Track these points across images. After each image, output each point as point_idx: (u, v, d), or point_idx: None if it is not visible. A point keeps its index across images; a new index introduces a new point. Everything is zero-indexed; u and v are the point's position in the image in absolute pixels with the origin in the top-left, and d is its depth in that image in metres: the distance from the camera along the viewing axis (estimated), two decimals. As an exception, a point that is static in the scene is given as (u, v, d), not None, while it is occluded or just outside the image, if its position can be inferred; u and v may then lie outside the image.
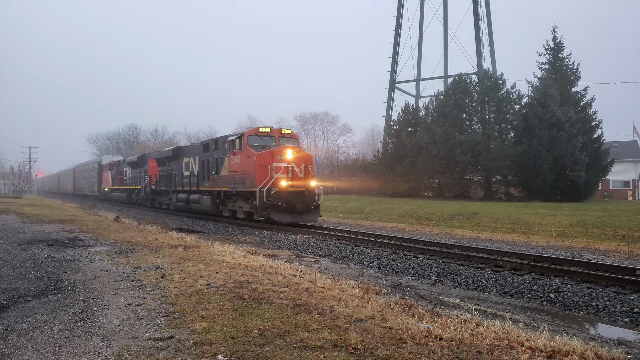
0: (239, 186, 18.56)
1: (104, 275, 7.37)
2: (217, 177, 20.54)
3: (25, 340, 4.44)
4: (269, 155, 17.37)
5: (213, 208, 21.21)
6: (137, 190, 34.20)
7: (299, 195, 17.31)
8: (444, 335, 4.73)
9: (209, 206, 21.42)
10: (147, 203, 31.62)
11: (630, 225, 16.41)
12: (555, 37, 37.70)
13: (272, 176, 16.99)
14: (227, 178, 19.58)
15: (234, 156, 19.04)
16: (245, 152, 18.15)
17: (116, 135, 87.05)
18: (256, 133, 18.39)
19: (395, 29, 45.90)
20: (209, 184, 21.37)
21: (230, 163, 19.27)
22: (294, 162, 17.52)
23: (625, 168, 49.95)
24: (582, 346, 4.71)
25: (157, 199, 30.16)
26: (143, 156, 33.25)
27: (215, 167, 20.78)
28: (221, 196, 20.62)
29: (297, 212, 17.40)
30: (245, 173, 17.99)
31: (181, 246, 10.90)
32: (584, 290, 7.80)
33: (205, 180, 21.81)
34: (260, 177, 17.10)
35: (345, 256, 12.17)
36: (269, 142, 18.39)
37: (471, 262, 10.24)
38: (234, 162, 18.99)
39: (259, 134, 18.39)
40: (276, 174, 17.08)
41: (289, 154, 17.40)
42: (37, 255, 9.40)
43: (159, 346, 4.23)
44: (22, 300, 5.91)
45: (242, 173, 18.27)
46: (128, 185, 36.17)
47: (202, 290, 6.35)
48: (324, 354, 4.05)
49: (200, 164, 22.55)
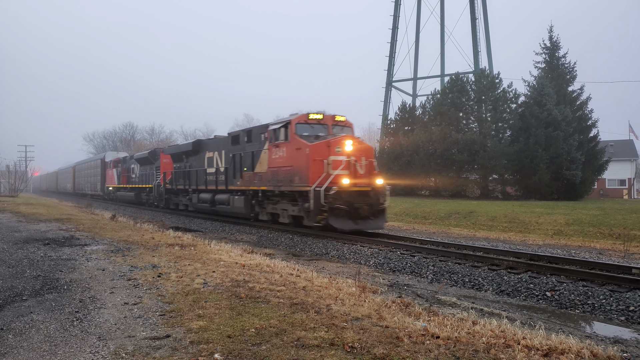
0: (284, 184, 15.45)
1: (100, 274, 7.35)
2: (252, 174, 17.47)
3: (21, 339, 4.42)
4: (325, 146, 14.28)
5: (246, 210, 18.19)
6: (147, 190, 31.00)
7: (364, 196, 14.31)
8: (441, 333, 4.73)
9: (241, 208, 18.38)
10: (160, 204, 28.36)
11: (625, 224, 16.47)
12: (551, 36, 37.81)
13: (328, 172, 14.01)
14: (266, 175, 16.55)
15: (276, 149, 15.90)
16: (293, 144, 15.01)
17: (112, 133, 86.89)
18: (306, 120, 15.22)
19: (392, 27, 45.94)
20: (242, 182, 18.25)
21: (271, 157, 16.17)
22: (355, 155, 14.40)
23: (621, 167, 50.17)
24: (578, 344, 4.72)
25: (172, 199, 27.11)
26: (155, 151, 30.23)
27: (249, 162, 17.73)
28: (258, 196, 17.47)
29: (360, 217, 14.25)
30: (293, 169, 14.91)
31: (178, 245, 10.88)
32: (580, 289, 7.82)
33: (235, 178, 18.75)
34: (314, 173, 14.03)
35: (342, 255, 12.18)
36: (321, 131, 15.34)
37: (468, 261, 10.26)
38: (277, 156, 15.86)
39: (309, 122, 15.27)
40: (334, 169, 14.07)
41: (348, 145, 14.31)
42: (33, 254, 9.37)
43: (156, 345, 4.22)
44: (18, 299, 5.89)
45: (288, 169, 15.22)
46: (136, 183, 33.03)
47: (199, 289, 6.34)
48: (320, 352, 4.05)
49: (228, 159, 19.62)
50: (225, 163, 19.88)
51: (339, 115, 15.89)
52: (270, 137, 16.20)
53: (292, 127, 15.12)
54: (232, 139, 19.57)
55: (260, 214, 17.79)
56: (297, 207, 15.13)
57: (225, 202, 19.71)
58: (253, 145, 17.70)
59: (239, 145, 18.86)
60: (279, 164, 15.74)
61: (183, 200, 25.43)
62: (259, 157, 17.12)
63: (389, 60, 45.97)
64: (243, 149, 18.44)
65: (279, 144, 15.72)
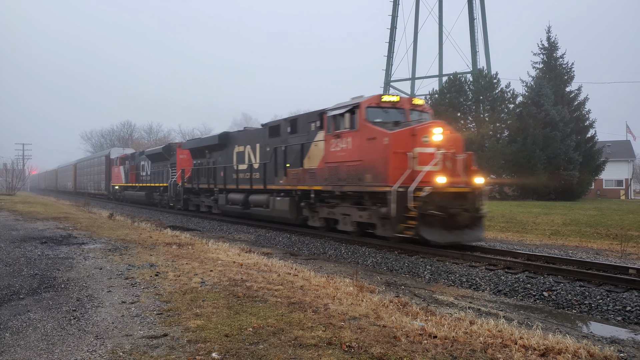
0: (350, 183, 12.44)
1: (97, 273, 7.34)
2: (300, 171, 14.61)
3: (18, 338, 4.42)
4: (409, 135, 11.30)
5: (291, 214, 15.24)
6: (161, 189, 28.01)
7: (461, 199, 11.22)
8: (438, 333, 4.74)
9: (284, 211, 15.48)
10: (177, 205, 25.30)
11: (622, 224, 16.52)
12: (549, 37, 37.93)
13: (414, 168, 11.03)
14: (321, 172, 13.66)
15: (336, 140, 12.96)
16: (363, 132, 11.97)
17: (110, 132, 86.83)
18: (378, 104, 12.33)
19: (391, 27, 46.02)
20: (286, 181, 15.39)
21: (329, 150, 13.29)
22: (446, 146, 11.35)
23: (618, 167, 50.32)
24: (575, 344, 4.74)
25: (192, 200, 24.09)
26: (169, 146, 27.21)
27: (294, 157, 15.00)
28: (309, 198, 14.47)
29: (456, 227, 10.97)
30: (364, 164, 11.91)
31: (175, 244, 10.87)
32: (577, 289, 7.84)
33: (277, 176, 15.93)
34: (395, 169, 11.01)
35: (340, 254, 12.18)
36: (397, 117, 12.39)
37: (465, 261, 10.27)
38: (338, 149, 12.93)
39: (382, 105, 12.37)
40: (421, 164, 11.04)
41: (438, 134, 11.21)
42: (31, 252, 9.35)
43: (153, 344, 4.22)
44: (15, 297, 5.88)
45: (355, 164, 12.21)
46: (147, 182, 29.93)
47: (197, 288, 6.34)
48: (318, 352, 4.06)
49: (265, 153, 16.93)
50: (261, 158, 17.16)
51: (417, 98, 12.99)
52: (328, 125, 13.34)
53: (361, 112, 12.11)
54: (270, 131, 16.73)
55: (311, 219, 14.81)
56: (367, 213, 12.09)
57: (262, 203, 16.88)
58: (299, 137, 15.02)
59: (280, 137, 16.09)
60: (341, 158, 12.79)
61: (206, 201, 22.43)
62: (308, 151, 14.38)
63: (387, 60, 46.04)
64: (285, 141, 15.68)
65: (342, 134, 12.74)
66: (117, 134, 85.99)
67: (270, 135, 16.66)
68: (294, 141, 15.19)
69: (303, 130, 14.87)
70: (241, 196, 18.41)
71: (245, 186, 18.11)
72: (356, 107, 12.31)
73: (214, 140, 20.98)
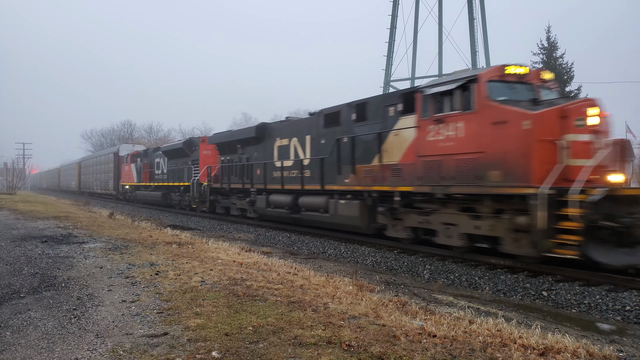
0: (463, 182, 9.47)
1: (98, 272, 7.36)
2: (378, 167, 11.67)
3: (19, 336, 4.43)
4: (557, 118, 8.48)
5: (362, 221, 12.37)
6: (180, 189, 25.23)
7: (633, 204, 8.12)
8: (438, 332, 4.76)
9: (352, 218, 12.58)
10: (202, 207, 22.46)
11: (622, 224, 16.48)
12: (549, 37, 37.89)
13: (566, 162, 8.26)
14: (411, 168, 10.66)
15: (439, 126, 9.95)
16: (486, 114, 9.10)
17: (110, 131, 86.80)
18: (502, 76, 9.43)
19: (390, 27, 45.95)
20: (354, 180, 12.57)
21: (426, 140, 10.26)
22: (602, 132, 8.61)
23: (618, 167, 50.10)
24: (575, 343, 4.75)
25: (220, 202, 21.11)
26: (191, 141, 24.66)
27: (366, 150, 12.17)
28: (390, 201, 11.46)
29: (631, 243, 7.98)
30: (487, 156, 9.04)
31: (176, 243, 10.89)
32: (576, 288, 7.85)
33: (340, 174, 13.08)
34: (540, 164, 8.30)
35: (339, 253, 12.20)
36: (526, 94, 9.46)
37: (465, 260, 10.26)
38: (442, 137, 9.92)
39: (506, 79, 9.45)
40: (574, 157, 8.31)
41: (595, 116, 8.44)
42: (31, 251, 9.36)
43: (153, 343, 4.23)
44: (15, 296, 5.90)
45: (473, 157, 9.31)
46: (163, 181, 27.34)
47: (197, 287, 6.35)
48: (318, 350, 4.07)
49: (319, 147, 14.17)
50: (313, 153, 14.47)
51: (545, 71, 10.10)
52: (423, 107, 10.37)
53: (480, 88, 9.26)
54: (325, 119, 14.01)
55: (390, 228, 11.75)
56: (488, 223, 9.27)
57: (318, 207, 14.01)
58: (370, 125, 12.18)
59: (340, 126, 13.40)
60: (447, 149, 9.85)
61: (238, 203, 19.47)
62: (385, 141, 11.50)
63: (387, 60, 46.01)
64: (349, 131, 12.93)
65: (447, 117, 9.82)
66: (117, 133, 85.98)
67: (326, 125, 13.98)
68: (362, 130, 12.40)
69: (376, 117, 12.09)
70: (288, 198, 15.57)
71: (293, 186, 15.26)
72: (472, 81, 9.45)
73: (249, 133, 18.13)
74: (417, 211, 10.91)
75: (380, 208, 11.86)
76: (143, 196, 30.82)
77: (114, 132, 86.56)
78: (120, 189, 35.80)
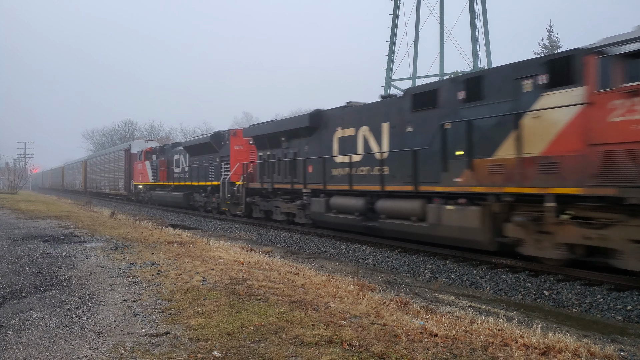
0: None
1: (99, 271, 7.37)
2: (514, 160, 8.64)
3: (20, 335, 4.44)
4: None
5: (483, 235, 9.20)
6: (206, 189, 22.16)
7: None
8: (439, 331, 4.76)
9: (468, 230, 9.42)
10: (235, 209, 19.54)
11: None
12: (550, 36, 37.91)
13: None
14: (573, 162, 7.75)
15: (632, 100, 6.95)
16: None
17: (112, 131, 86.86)
18: None
19: (392, 26, 45.91)
20: (470, 179, 9.45)
21: (606, 121, 7.28)
22: None
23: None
24: (576, 343, 4.75)
25: (258, 204, 18.05)
26: (219, 135, 21.38)
27: (488, 138, 9.15)
28: (529, 208, 8.59)
29: None
30: None
31: (177, 242, 10.89)
32: (577, 288, 7.85)
33: (447, 171, 9.93)
34: None
35: (340, 253, 12.20)
36: None
37: (466, 260, 10.26)
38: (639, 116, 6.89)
39: None
40: None
41: None
42: (33, 251, 9.38)
43: (155, 342, 4.24)
44: (17, 296, 5.91)
45: None
46: (184, 180, 24.38)
47: (198, 286, 6.36)
48: (319, 350, 4.07)
49: (403, 136, 11.29)
50: (393, 144, 11.62)
51: None
52: (604, 74, 7.33)
53: None
54: (414, 100, 11.07)
55: (530, 245, 8.61)
56: None
57: (409, 214, 10.87)
58: (489, 106, 9.24)
59: (437, 108, 10.44)
60: None
61: (284, 206, 16.43)
62: (519, 126, 8.52)
63: (388, 59, 45.98)
64: (453, 114, 9.97)
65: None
66: (118, 133, 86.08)
67: (414, 108, 11.01)
68: (477, 113, 9.41)
69: (499, 95, 9.12)
70: (359, 202, 12.43)
71: (368, 186, 12.29)
72: None
73: (301, 122, 15.03)
74: (577, 222, 7.95)
75: (516, 217, 8.69)
76: (160, 197, 27.54)
77: (115, 131, 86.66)
78: (133, 189, 32.66)
